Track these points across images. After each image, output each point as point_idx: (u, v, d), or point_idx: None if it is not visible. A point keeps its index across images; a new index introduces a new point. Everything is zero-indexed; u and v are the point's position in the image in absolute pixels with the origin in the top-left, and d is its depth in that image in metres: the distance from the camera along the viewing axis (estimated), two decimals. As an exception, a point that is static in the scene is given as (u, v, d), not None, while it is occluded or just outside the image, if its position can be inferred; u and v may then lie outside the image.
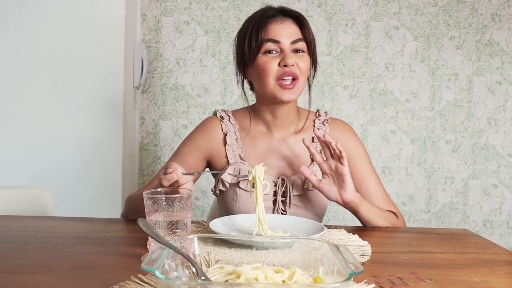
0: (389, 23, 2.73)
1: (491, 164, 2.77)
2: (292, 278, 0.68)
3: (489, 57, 2.75)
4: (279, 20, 1.30)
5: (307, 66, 1.31)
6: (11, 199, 1.61)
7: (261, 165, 1.13)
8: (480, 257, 1.04)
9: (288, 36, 1.28)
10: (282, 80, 1.27)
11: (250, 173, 1.13)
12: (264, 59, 1.29)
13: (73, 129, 2.29)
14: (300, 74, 1.29)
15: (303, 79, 1.31)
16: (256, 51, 1.29)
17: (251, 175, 1.13)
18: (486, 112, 2.76)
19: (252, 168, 1.13)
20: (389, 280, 0.86)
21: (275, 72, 1.28)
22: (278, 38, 1.28)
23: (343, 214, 2.75)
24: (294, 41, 1.29)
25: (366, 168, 1.41)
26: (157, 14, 2.71)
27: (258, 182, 1.12)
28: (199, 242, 0.82)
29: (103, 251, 1.01)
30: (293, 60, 1.27)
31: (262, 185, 1.12)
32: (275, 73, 1.28)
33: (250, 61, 1.32)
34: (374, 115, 2.75)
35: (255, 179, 1.12)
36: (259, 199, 1.12)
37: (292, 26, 1.30)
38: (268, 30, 1.29)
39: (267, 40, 1.28)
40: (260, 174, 1.12)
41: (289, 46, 1.28)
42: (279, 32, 1.28)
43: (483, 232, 2.77)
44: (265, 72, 1.28)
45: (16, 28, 2.26)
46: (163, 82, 2.73)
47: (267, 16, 1.30)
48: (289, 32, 1.29)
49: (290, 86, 1.28)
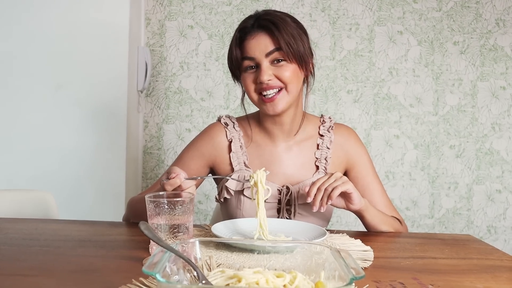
0: (393, 28, 2.73)
1: (495, 170, 2.76)
2: (294, 283, 0.68)
3: (493, 62, 2.74)
4: (252, 35, 1.26)
5: (291, 74, 1.26)
6: (15, 202, 1.62)
7: (263, 170, 1.13)
8: (483, 263, 1.03)
9: (261, 50, 1.25)
10: (263, 96, 1.27)
11: (252, 178, 1.12)
12: (244, 75, 1.29)
13: (77, 132, 2.30)
14: (285, 84, 1.26)
15: (291, 87, 1.27)
16: (238, 70, 1.31)
17: (252, 180, 1.12)
18: (490, 117, 2.75)
19: (254, 173, 1.12)
20: (391, 285, 0.85)
21: (254, 87, 1.28)
22: (252, 55, 1.26)
23: (346, 219, 2.75)
24: (268, 53, 1.25)
25: (370, 175, 1.41)
26: (161, 18, 2.72)
27: (260, 187, 1.11)
28: (201, 246, 0.82)
29: (105, 254, 1.02)
30: (268, 75, 1.24)
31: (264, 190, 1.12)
32: (254, 88, 1.29)
33: (238, 79, 1.35)
34: (378, 120, 2.74)
35: (257, 184, 1.11)
36: (261, 204, 1.11)
37: (264, 38, 1.25)
38: (244, 47, 1.28)
39: (242, 58, 1.28)
40: (262, 178, 1.11)
41: (265, 60, 1.25)
42: (252, 47, 1.26)
43: (487, 238, 2.76)
44: (247, 89, 1.30)
45: (21, 32, 2.27)
46: (166, 86, 2.73)
47: (243, 32, 1.29)
48: (263, 44, 1.25)
49: (270, 100, 1.26)
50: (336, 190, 1.16)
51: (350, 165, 1.41)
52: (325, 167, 1.37)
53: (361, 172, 1.40)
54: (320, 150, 1.38)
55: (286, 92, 1.27)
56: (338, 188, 1.17)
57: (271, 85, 1.25)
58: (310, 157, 1.38)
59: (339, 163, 1.40)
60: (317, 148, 1.39)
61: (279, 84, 1.26)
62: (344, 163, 1.41)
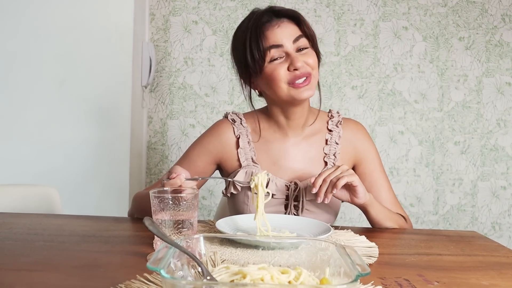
0: (398, 24, 2.72)
1: (500, 166, 2.75)
2: (298, 279, 0.68)
3: (498, 58, 2.72)
4: (275, 24, 1.25)
5: (315, 60, 1.28)
6: (19, 197, 1.62)
7: (264, 173, 1.12)
8: (489, 259, 1.02)
9: (289, 37, 1.25)
10: (295, 83, 1.24)
11: (252, 180, 1.11)
12: (272, 67, 1.25)
13: (81, 127, 2.30)
14: (312, 69, 1.26)
15: (315, 73, 1.28)
16: (261, 61, 1.25)
17: (253, 182, 1.11)
18: (496, 113, 2.74)
19: (255, 176, 1.11)
20: (396, 282, 0.85)
21: (286, 77, 1.24)
22: (280, 42, 1.24)
23: (350, 215, 2.74)
24: (296, 39, 1.25)
25: (377, 170, 1.40)
26: (166, 13, 2.71)
27: (261, 190, 1.10)
28: (205, 242, 0.81)
29: (110, 250, 1.01)
30: (301, 61, 1.24)
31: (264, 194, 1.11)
32: (286, 78, 1.24)
33: (256, 73, 1.28)
34: (382, 116, 2.73)
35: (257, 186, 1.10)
36: (260, 207, 1.10)
37: (290, 26, 1.26)
38: (267, 36, 1.24)
39: (269, 47, 1.24)
40: (263, 181, 1.10)
41: (292, 47, 1.24)
42: (279, 35, 1.24)
43: (492, 235, 2.75)
44: (276, 80, 1.25)
45: (25, 28, 2.27)
46: (171, 82, 2.73)
47: (262, 23, 1.25)
48: (289, 32, 1.25)
49: (306, 83, 1.24)
50: (342, 180, 1.16)
51: (358, 160, 1.40)
52: (333, 163, 1.36)
53: (369, 167, 1.40)
54: (329, 145, 1.37)
55: (313, 77, 1.27)
56: (343, 178, 1.16)
57: (304, 72, 1.24)
58: (318, 152, 1.37)
59: (347, 158, 1.39)
60: (326, 144, 1.38)
61: (309, 69, 1.25)
62: (353, 158, 1.40)
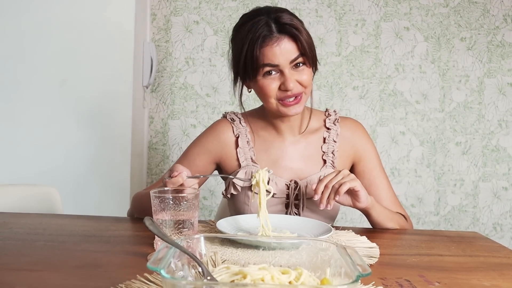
0: (400, 24, 2.71)
1: (501, 167, 2.74)
2: (299, 279, 0.68)
3: (500, 58, 2.72)
4: (274, 41, 1.21)
5: (310, 77, 1.26)
6: (19, 197, 1.62)
7: (265, 169, 1.12)
8: (490, 260, 1.02)
9: (286, 57, 1.22)
10: (285, 101, 1.24)
11: (254, 177, 1.11)
12: (264, 81, 1.24)
13: (82, 127, 2.30)
14: (305, 87, 1.25)
15: (308, 90, 1.27)
16: (254, 73, 1.24)
17: (254, 179, 1.11)
18: (497, 114, 2.73)
19: (256, 173, 1.12)
20: (397, 282, 0.85)
21: (276, 94, 1.24)
22: (276, 62, 1.22)
23: (351, 216, 2.74)
24: (293, 60, 1.23)
25: (376, 169, 1.40)
26: (167, 13, 2.71)
27: (262, 187, 1.10)
28: (206, 242, 0.81)
29: (110, 250, 1.01)
30: (294, 82, 1.22)
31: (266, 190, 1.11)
32: (276, 95, 1.25)
33: (250, 79, 1.27)
34: (384, 116, 2.73)
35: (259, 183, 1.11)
36: (263, 204, 1.11)
37: (289, 45, 1.22)
38: (264, 54, 1.21)
39: (264, 65, 1.22)
40: (264, 178, 1.11)
41: (288, 67, 1.23)
42: (277, 54, 1.21)
43: (493, 235, 2.75)
44: (266, 94, 1.25)
45: (25, 28, 2.27)
46: (172, 82, 2.73)
47: (262, 36, 1.22)
48: (287, 52, 1.22)
49: (295, 102, 1.25)
50: (344, 186, 1.15)
51: (357, 159, 1.40)
52: (332, 161, 1.36)
53: (368, 166, 1.39)
54: (327, 143, 1.37)
55: (305, 94, 1.27)
56: (345, 184, 1.16)
57: (295, 92, 1.24)
58: (317, 151, 1.37)
59: (346, 156, 1.39)
60: (324, 142, 1.38)
61: (301, 89, 1.25)
62: (351, 157, 1.40)
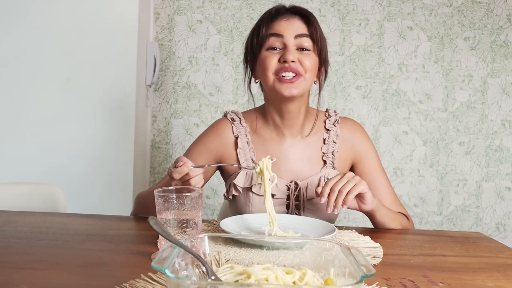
0: (403, 24, 2.71)
1: (504, 167, 2.74)
2: (303, 280, 0.68)
3: (504, 58, 2.71)
4: (285, 17, 1.28)
5: (312, 64, 1.27)
6: (23, 195, 1.62)
7: (268, 157, 1.13)
8: (494, 261, 1.02)
9: (292, 31, 1.26)
10: (282, 76, 1.25)
11: (257, 165, 1.13)
12: (266, 54, 1.27)
13: (85, 126, 2.31)
14: (304, 71, 1.26)
15: (308, 76, 1.27)
16: (259, 46, 1.28)
17: (258, 167, 1.13)
18: (501, 114, 2.73)
19: (259, 161, 1.13)
20: (401, 283, 0.85)
21: (274, 68, 1.26)
22: (281, 32, 1.26)
23: (353, 215, 2.74)
24: (298, 35, 1.26)
25: (376, 169, 1.40)
26: (170, 12, 2.71)
27: (266, 174, 1.12)
28: (210, 241, 0.81)
29: (114, 249, 1.01)
30: (294, 56, 1.24)
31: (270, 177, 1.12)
32: (274, 68, 1.26)
33: (253, 57, 1.31)
34: (387, 116, 2.73)
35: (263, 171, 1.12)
36: (267, 191, 1.11)
37: (298, 22, 1.27)
38: (273, 25, 1.27)
39: (270, 34, 1.27)
40: (268, 165, 1.12)
41: (293, 42, 1.25)
42: (283, 26, 1.26)
43: (496, 236, 2.74)
44: (265, 67, 1.27)
45: (29, 27, 2.28)
46: (175, 81, 2.73)
47: (275, 13, 1.29)
48: (294, 26, 1.27)
49: (290, 81, 1.25)
50: (350, 195, 1.14)
51: (356, 160, 1.40)
52: (332, 161, 1.36)
53: (368, 166, 1.39)
54: (327, 144, 1.37)
55: (304, 80, 1.27)
56: (352, 191, 1.14)
57: (293, 67, 1.24)
58: (317, 151, 1.37)
59: (345, 157, 1.39)
60: (324, 143, 1.38)
61: (300, 69, 1.25)
62: (351, 158, 1.40)
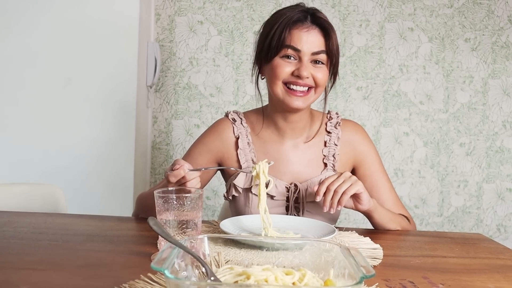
0: (404, 25, 2.71)
1: (505, 168, 2.74)
2: (303, 280, 0.68)
3: (505, 59, 2.71)
4: (305, 27, 1.24)
5: (324, 78, 1.26)
6: (24, 196, 1.63)
7: (265, 161, 1.13)
8: (495, 262, 1.02)
9: (311, 46, 1.23)
10: (292, 88, 1.24)
11: (254, 169, 1.13)
12: (279, 61, 1.25)
13: (86, 127, 2.31)
14: (316, 86, 1.25)
15: (319, 91, 1.27)
16: (274, 52, 1.25)
17: (255, 171, 1.13)
18: (502, 115, 2.72)
19: (256, 164, 1.13)
20: (401, 284, 0.84)
21: (286, 78, 1.24)
22: (300, 47, 1.23)
23: (354, 217, 2.73)
24: (316, 52, 1.24)
25: (378, 171, 1.39)
26: (171, 13, 2.71)
27: (262, 178, 1.12)
28: (209, 242, 0.81)
29: (114, 249, 1.02)
30: (308, 72, 1.23)
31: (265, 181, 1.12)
32: (285, 79, 1.25)
33: (267, 60, 1.28)
34: (387, 117, 2.73)
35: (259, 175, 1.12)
36: (262, 195, 1.11)
37: (317, 36, 1.24)
38: (292, 35, 1.23)
39: (287, 46, 1.23)
40: (264, 169, 1.12)
41: (308, 57, 1.24)
42: (303, 40, 1.23)
43: (497, 237, 2.74)
44: (276, 75, 1.25)
45: (30, 27, 2.28)
46: (176, 82, 2.73)
47: (295, 19, 1.24)
48: (313, 41, 1.23)
49: (301, 94, 1.25)
50: (346, 196, 1.14)
51: (358, 162, 1.40)
52: (333, 164, 1.35)
53: (369, 169, 1.39)
54: (328, 147, 1.37)
55: (314, 93, 1.27)
56: (347, 192, 1.14)
57: (307, 83, 1.24)
58: (317, 154, 1.37)
59: (346, 159, 1.39)
60: (325, 145, 1.38)
61: (312, 83, 1.25)
62: (352, 160, 1.40)
